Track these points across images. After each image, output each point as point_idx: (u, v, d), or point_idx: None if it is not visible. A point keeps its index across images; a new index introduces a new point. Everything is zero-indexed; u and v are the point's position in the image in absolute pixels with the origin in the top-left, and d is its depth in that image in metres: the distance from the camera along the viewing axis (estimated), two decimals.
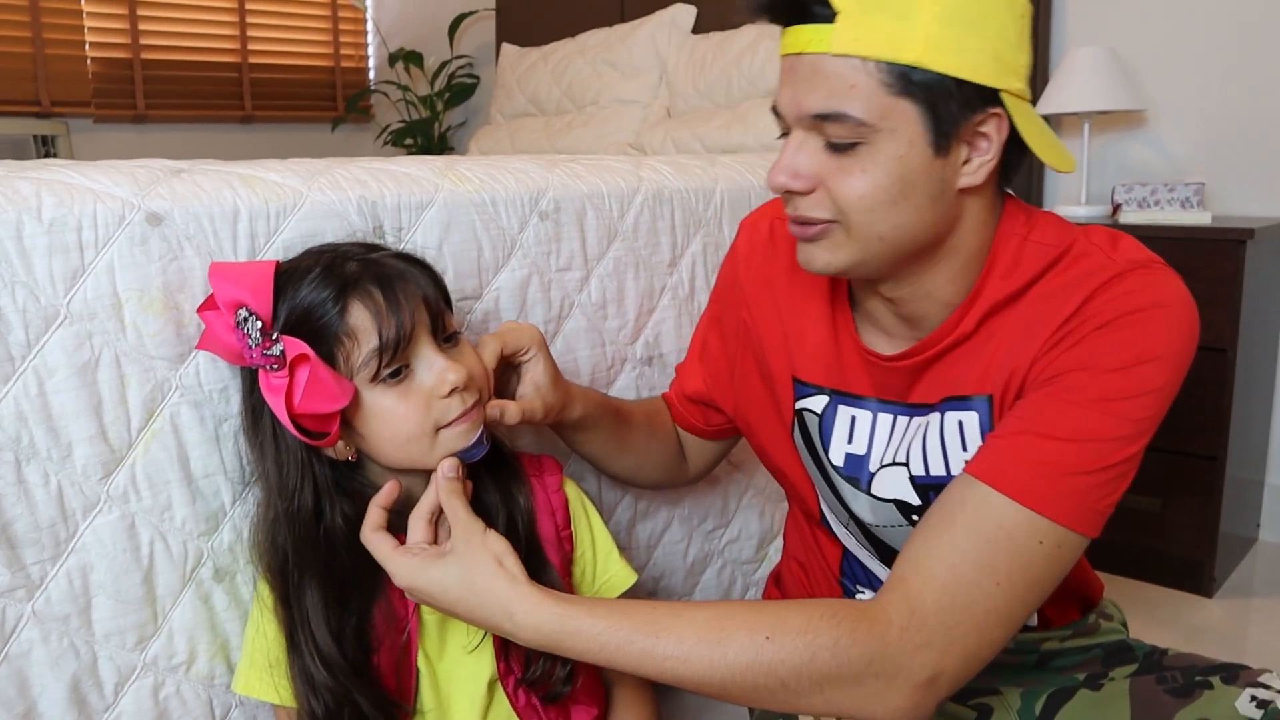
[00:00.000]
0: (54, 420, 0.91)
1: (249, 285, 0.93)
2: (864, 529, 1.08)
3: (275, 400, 0.92)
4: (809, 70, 0.88)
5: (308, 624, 0.97)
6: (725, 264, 1.23)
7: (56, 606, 0.93)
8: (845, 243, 0.92)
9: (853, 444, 1.06)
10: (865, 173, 0.88)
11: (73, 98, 3.46)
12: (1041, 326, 0.93)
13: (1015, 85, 0.88)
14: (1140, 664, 1.09)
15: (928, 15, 0.85)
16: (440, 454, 0.99)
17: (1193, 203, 2.23)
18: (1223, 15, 2.37)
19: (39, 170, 0.96)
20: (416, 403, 0.97)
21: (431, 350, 0.97)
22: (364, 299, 0.94)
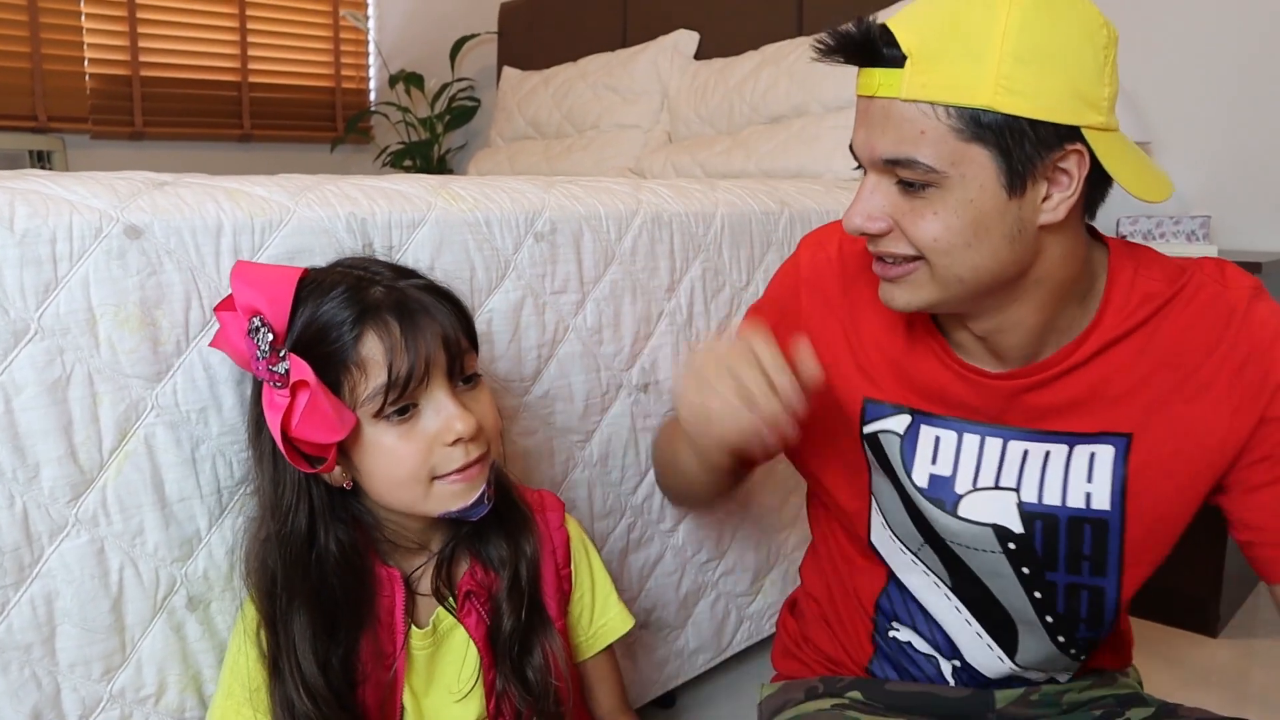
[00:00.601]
0: (21, 439, 0.87)
1: (268, 293, 0.89)
2: (943, 549, 1.04)
3: (273, 417, 0.89)
4: (880, 114, 0.88)
5: (294, 650, 0.93)
6: (783, 282, 1.16)
7: (18, 635, 0.89)
8: (927, 283, 0.91)
9: (937, 465, 1.02)
10: (937, 215, 0.87)
11: (70, 113, 3.45)
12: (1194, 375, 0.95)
13: (1096, 120, 0.85)
14: (1155, 711, 1.07)
15: (999, 54, 0.82)
16: (436, 506, 0.95)
17: (1199, 235, 2.21)
18: (1229, 48, 2.35)
19: (14, 180, 0.92)
20: (417, 446, 0.92)
21: (444, 394, 0.93)
22: (380, 330, 0.90)
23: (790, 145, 2.47)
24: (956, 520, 1.02)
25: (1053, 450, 0.99)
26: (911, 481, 1.03)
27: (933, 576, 1.07)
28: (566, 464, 1.36)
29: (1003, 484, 1.00)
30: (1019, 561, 1.01)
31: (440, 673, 1.02)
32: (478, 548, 1.03)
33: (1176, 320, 0.95)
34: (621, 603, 1.15)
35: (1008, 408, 0.99)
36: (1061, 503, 0.99)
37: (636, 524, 1.46)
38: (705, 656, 1.66)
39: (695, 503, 1.32)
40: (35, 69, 3.35)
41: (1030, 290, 0.92)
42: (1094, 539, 0.99)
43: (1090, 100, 0.84)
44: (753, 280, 1.59)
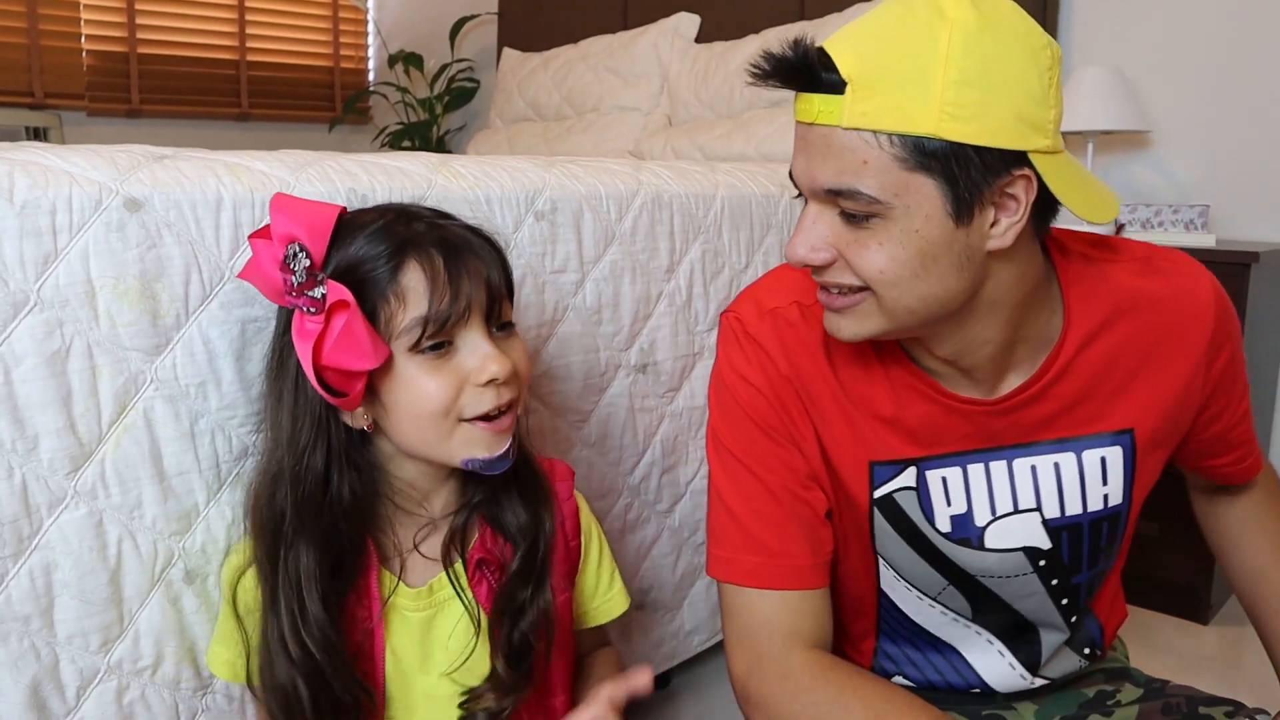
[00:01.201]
0: (20, 411, 0.87)
1: (307, 222, 0.88)
2: (970, 586, 1.02)
3: (304, 346, 0.87)
4: (820, 143, 0.84)
5: (297, 587, 0.92)
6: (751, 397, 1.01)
7: (17, 606, 0.89)
8: (874, 313, 0.87)
9: (953, 505, 1.00)
10: (882, 246, 0.83)
11: (66, 90, 3.43)
12: (1172, 359, 0.98)
13: (1042, 143, 0.82)
14: (1144, 690, 1.09)
15: (942, 80, 0.79)
16: (459, 452, 0.93)
17: (1197, 225, 2.21)
18: (1229, 39, 2.35)
19: (13, 151, 0.92)
20: (449, 382, 0.91)
21: (480, 334, 0.92)
22: (422, 261, 0.89)
23: (790, 129, 2.46)
24: (985, 553, 1.00)
25: (1060, 460, 0.98)
26: (936, 530, 1.00)
27: (951, 614, 1.05)
28: (564, 444, 1.36)
29: (1022, 506, 0.99)
30: (1049, 576, 1.01)
31: (434, 638, 1.01)
32: (493, 513, 1.02)
33: (1145, 302, 0.96)
34: (623, 583, 1.15)
35: (1005, 428, 0.98)
36: (1083, 510, 0.99)
37: (633, 505, 1.46)
38: (700, 638, 1.67)
39: None
40: (32, 45, 3.34)
41: (985, 311, 0.90)
42: (1109, 531, 1.01)
43: (1036, 124, 0.81)
44: (752, 263, 1.59)
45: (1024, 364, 0.95)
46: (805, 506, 0.99)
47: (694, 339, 1.51)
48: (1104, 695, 1.09)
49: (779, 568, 0.98)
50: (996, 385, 0.96)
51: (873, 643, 1.12)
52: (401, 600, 0.99)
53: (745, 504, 1.00)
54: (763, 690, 0.95)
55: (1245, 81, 2.34)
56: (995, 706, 1.10)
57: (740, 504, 1.00)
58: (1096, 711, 1.07)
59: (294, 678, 0.92)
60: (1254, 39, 2.32)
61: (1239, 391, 1.06)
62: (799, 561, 0.98)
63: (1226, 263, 1.96)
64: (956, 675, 1.08)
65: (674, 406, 1.51)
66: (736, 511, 1.00)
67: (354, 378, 0.89)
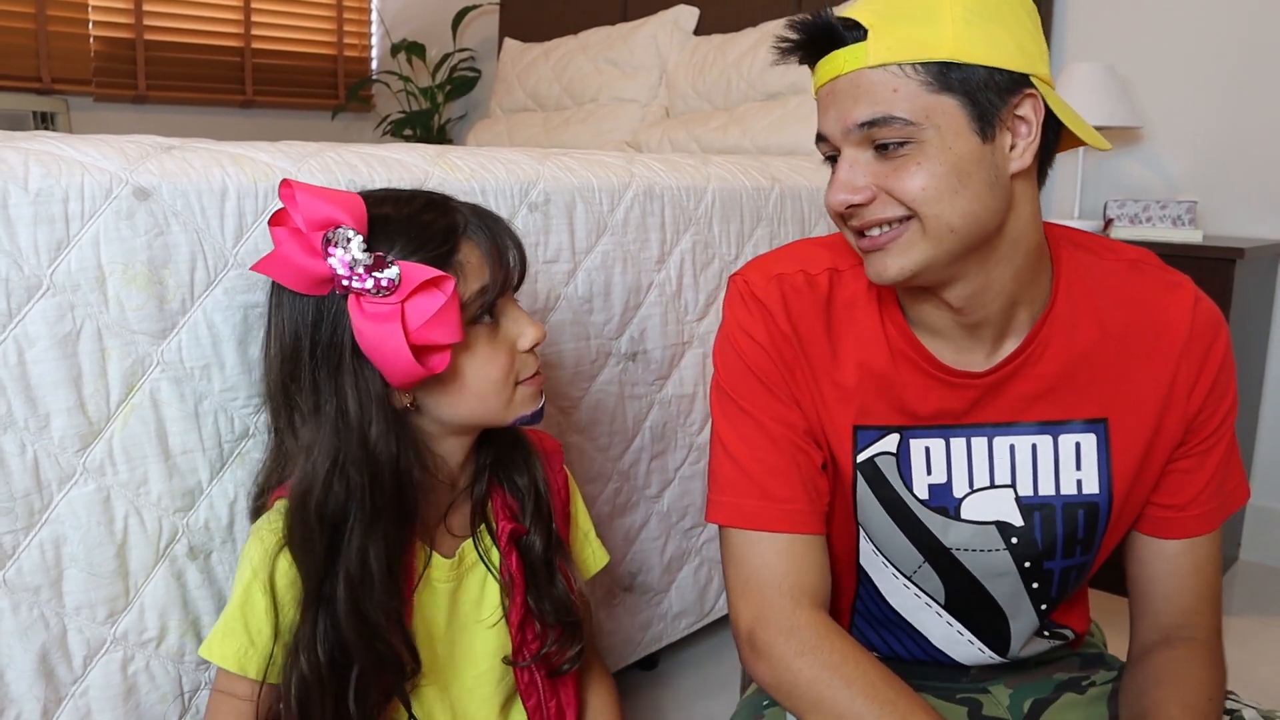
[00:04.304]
0: (32, 390, 0.91)
1: (345, 205, 0.88)
2: (944, 562, 1.06)
3: (388, 329, 0.87)
4: (849, 87, 0.91)
5: (366, 566, 0.93)
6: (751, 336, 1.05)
7: (28, 577, 0.93)
8: (918, 241, 0.92)
9: (932, 475, 1.04)
10: (921, 166, 0.90)
11: (73, 75, 3.46)
12: (1149, 355, 1.01)
13: (1042, 71, 0.92)
14: (1118, 674, 1.11)
15: (950, 16, 0.88)
16: (513, 411, 0.99)
17: (1184, 221, 2.24)
18: (1220, 36, 2.38)
19: (28, 141, 0.96)
20: (505, 350, 0.97)
21: (514, 305, 0.99)
22: (477, 235, 0.94)
23: (785, 122, 2.50)
24: (960, 523, 1.04)
25: (1038, 442, 1.02)
26: (913, 495, 1.04)
27: (925, 598, 1.09)
28: (555, 430, 1.40)
29: (998, 482, 1.03)
30: (1021, 556, 1.04)
31: (461, 603, 1.05)
32: (503, 476, 1.07)
33: (1127, 299, 1.01)
34: (598, 539, 1.21)
35: (989, 405, 1.02)
36: (1056, 492, 1.02)
37: (623, 489, 1.50)
38: (688, 620, 1.70)
39: None
40: (40, 30, 3.37)
41: (1009, 250, 0.95)
42: (1086, 522, 1.03)
43: (1034, 54, 0.91)
44: (742, 254, 1.63)
45: (1019, 329, 1.00)
46: (804, 455, 1.03)
47: (683, 328, 1.55)
48: (1079, 678, 1.12)
49: (780, 511, 1.01)
50: (994, 351, 1.00)
51: (848, 623, 1.15)
52: (435, 572, 1.03)
53: (747, 450, 1.03)
54: (769, 640, 0.98)
55: (1235, 80, 2.37)
56: (970, 689, 1.13)
57: (742, 450, 1.03)
58: (1071, 690, 1.10)
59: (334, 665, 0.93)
60: (1245, 38, 2.35)
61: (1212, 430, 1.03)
62: (798, 506, 1.02)
63: (1212, 258, 1.99)
64: (924, 656, 1.12)
65: (663, 394, 1.55)
66: (739, 457, 1.04)
67: (440, 354, 0.91)
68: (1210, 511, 1.04)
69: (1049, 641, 1.12)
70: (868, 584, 1.11)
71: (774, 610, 1.00)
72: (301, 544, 0.93)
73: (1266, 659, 1.96)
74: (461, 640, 1.06)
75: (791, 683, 0.97)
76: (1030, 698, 1.11)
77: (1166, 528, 1.04)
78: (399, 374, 0.90)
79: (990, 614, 1.08)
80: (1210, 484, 1.04)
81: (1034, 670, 1.14)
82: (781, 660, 0.98)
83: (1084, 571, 1.08)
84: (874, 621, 1.14)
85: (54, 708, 0.96)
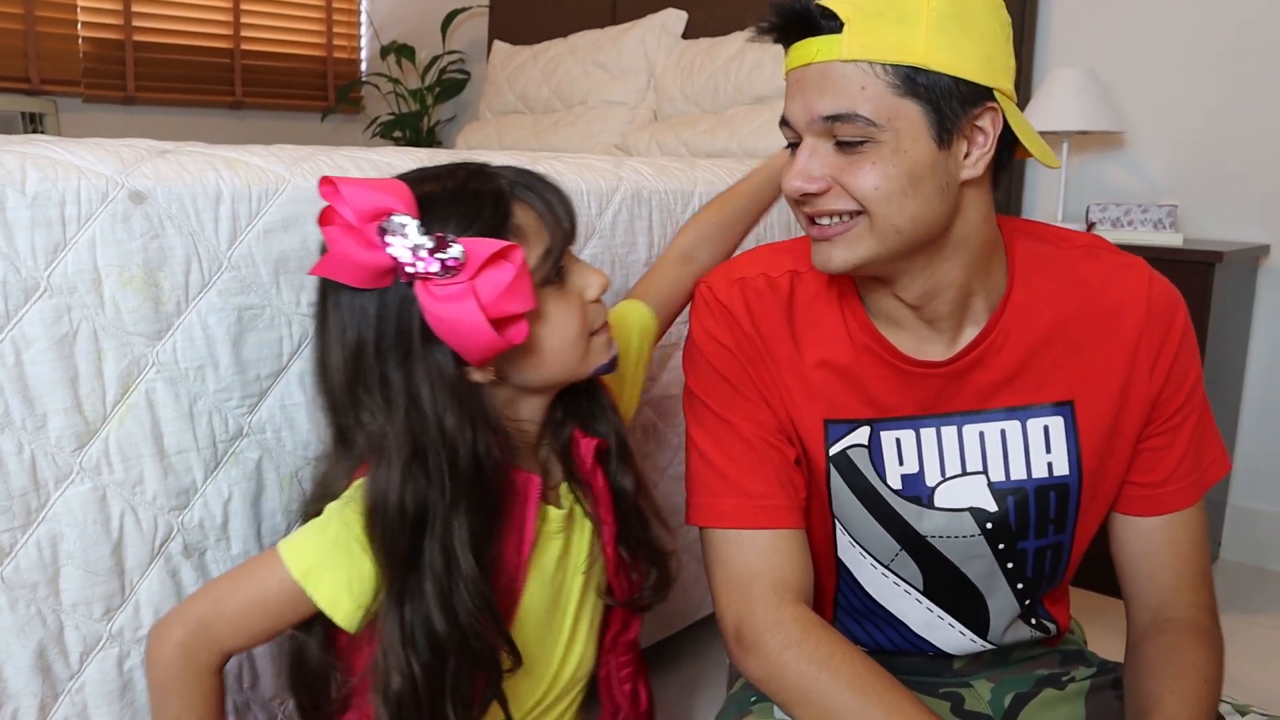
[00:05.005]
0: (30, 390, 0.93)
1: (394, 192, 0.87)
2: (921, 550, 1.08)
3: (457, 308, 0.85)
4: (818, 77, 0.92)
5: (452, 559, 0.90)
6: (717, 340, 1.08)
7: (25, 574, 0.94)
8: (865, 236, 0.95)
9: (905, 465, 1.06)
10: (875, 166, 0.92)
11: (63, 76, 3.46)
12: (1109, 336, 1.03)
13: (1006, 85, 0.94)
14: (1097, 670, 1.13)
15: (926, 21, 0.90)
16: (590, 362, 0.99)
17: (1165, 224, 2.27)
18: (1202, 42, 2.41)
19: (24, 144, 0.97)
20: (576, 305, 0.97)
21: (573, 258, 0.98)
22: (528, 199, 0.94)
23: (773, 126, 2.52)
24: (935, 511, 1.06)
25: (1007, 428, 1.05)
26: (887, 485, 1.06)
27: (903, 585, 1.10)
28: None
29: (970, 469, 1.05)
30: (996, 539, 1.06)
31: (571, 554, 1.05)
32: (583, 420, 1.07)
33: (1083, 283, 1.03)
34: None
35: (955, 394, 1.04)
36: (1028, 475, 1.04)
37: None
38: (675, 618, 1.72)
39: None
40: (29, 31, 3.37)
41: (956, 250, 0.98)
42: (1058, 503, 1.06)
43: (1000, 67, 0.93)
44: None
45: (977, 318, 1.02)
46: (777, 452, 1.05)
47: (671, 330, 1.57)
48: (1059, 674, 1.14)
49: (757, 508, 1.03)
50: (953, 340, 1.02)
51: (830, 617, 1.17)
52: (550, 525, 1.02)
53: (721, 451, 1.06)
54: (755, 636, 1.00)
55: (1216, 85, 2.40)
56: (953, 683, 1.15)
57: (716, 452, 1.06)
58: (1051, 686, 1.12)
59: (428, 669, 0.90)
60: (1226, 43, 2.38)
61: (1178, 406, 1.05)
62: (775, 501, 1.04)
63: (1192, 261, 2.02)
64: (907, 645, 1.14)
65: (650, 395, 1.57)
66: (713, 459, 1.06)
67: (517, 323, 0.90)
68: (1187, 487, 1.06)
69: (1031, 630, 1.14)
70: (847, 576, 1.13)
71: (759, 606, 1.01)
72: (383, 541, 0.89)
73: (1246, 656, 1.99)
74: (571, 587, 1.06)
75: (779, 676, 0.99)
76: (1011, 692, 1.13)
77: (1143, 505, 1.07)
78: (478, 350, 0.88)
79: (968, 596, 1.10)
80: (1184, 460, 1.06)
81: (1016, 666, 1.16)
82: (769, 654, 0.99)
83: (1060, 553, 1.09)
84: (855, 614, 1.16)
85: (50, 703, 0.97)
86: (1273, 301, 2.36)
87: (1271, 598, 2.25)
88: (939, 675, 1.16)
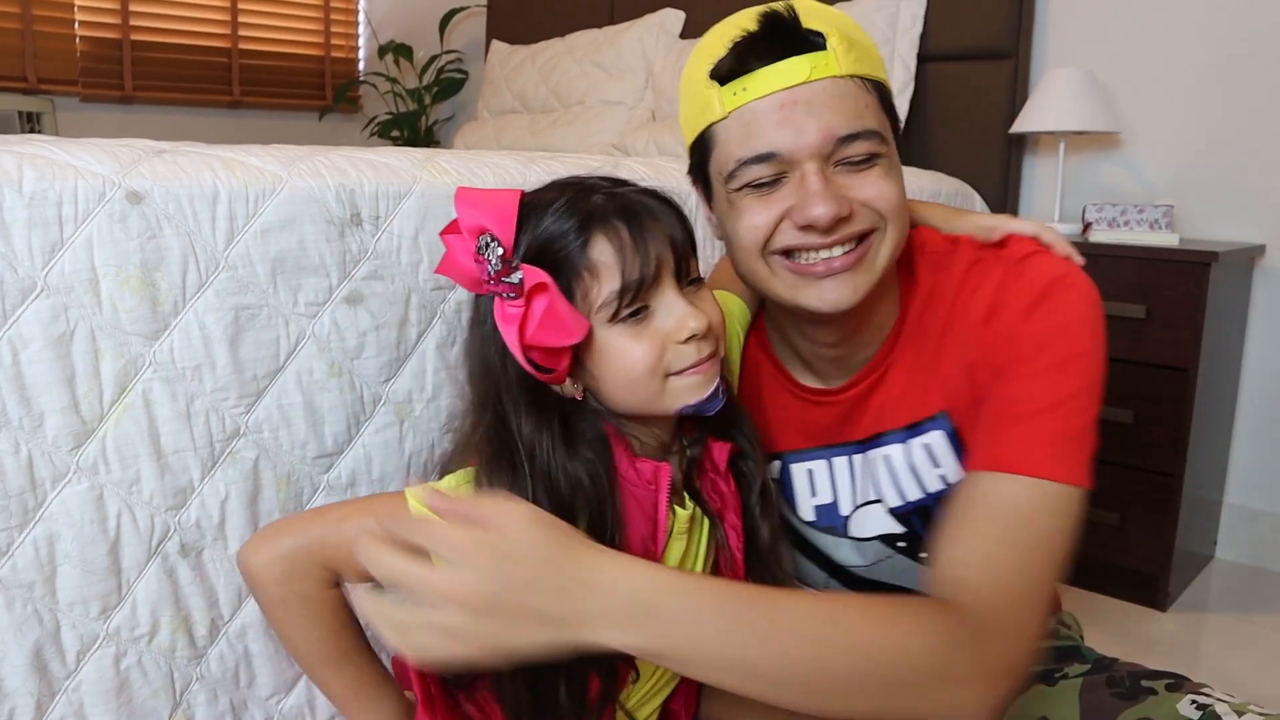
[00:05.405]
0: (27, 390, 0.93)
1: (493, 211, 0.90)
2: (850, 578, 1.08)
3: (509, 330, 0.89)
4: (822, 97, 0.89)
5: None
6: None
7: (21, 574, 0.95)
8: (881, 250, 0.94)
9: (817, 496, 1.06)
10: (884, 178, 0.91)
11: (60, 76, 3.46)
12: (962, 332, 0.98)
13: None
14: (1091, 666, 1.13)
15: (861, 38, 0.91)
16: (672, 402, 0.94)
17: (1161, 224, 2.27)
18: (1200, 43, 2.41)
19: (21, 145, 0.97)
20: (651, 345, 0.92)
21: (674, 293, 0.93)
22: (609, 233, 0.90)
23: None
24: (850, 540, 1.06)
25: (891, 453, 1.04)
26: (798, 517, 1.07)
27: None
28: None
29: (871, 497, 1.05)
30: (912, 551, 1.06)
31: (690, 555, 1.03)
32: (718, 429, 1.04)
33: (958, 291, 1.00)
34: None
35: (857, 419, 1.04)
36: (924, 494, 1.04)
37: None
38: None
39: None
40: (26, 30, 3.37)
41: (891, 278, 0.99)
42: None
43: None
44: None
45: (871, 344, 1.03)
46: None
47: None
48: (1051, 670, 1.13)
49: None
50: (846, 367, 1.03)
51: None
52: (678, 525, 1.00)
53: None
54: None
55: (1213, 86, 2.41)
56: None
57: None
58: (1041, 683, 1.11)
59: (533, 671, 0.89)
60: (1224, 45, 2.38)
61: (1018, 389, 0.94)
62: None
63: (1188, 262, 2.03)
64: None
65: None
66: None
67: (559, 354, 0.91)
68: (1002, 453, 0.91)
69: None
70: None
71: None
72: None
73: (1244, 657, 1.99)
74: None
75: None
76: None
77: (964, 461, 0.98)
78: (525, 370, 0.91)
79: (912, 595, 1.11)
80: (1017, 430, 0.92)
81: None
82: None
83: None
84: None
85: (47, 702, 0.98)
86: (1268, 301, 2.36)
87: (1268, 598, 2.25)
88: None
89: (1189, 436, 2.08)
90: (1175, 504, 2.10)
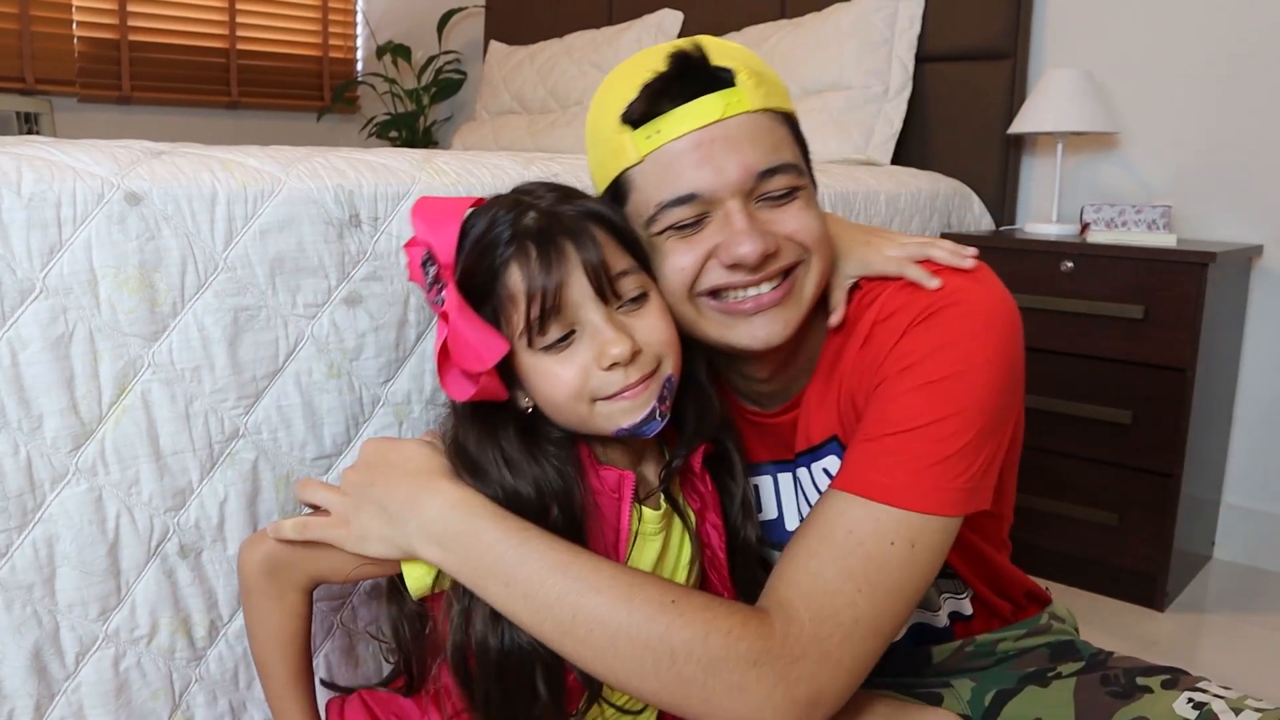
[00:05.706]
0: (26, 392, 0.93)
1: (434, 227, 0.89)
2: None
3: (437, 346, 0.90)
4: (739, 133, 0.89)
5: None
6: None
7: (21, 575, 0.95)
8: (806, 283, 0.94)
9: (763, 511, 1.09)
10: (805, 210, 0.92)
11: (58, 76, 3.46)
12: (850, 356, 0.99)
13: None
14: (1085, 663, 1.12)
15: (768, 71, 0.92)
16: (605, 425, 0.92)
17: (1159, 225, 2.28)
18: (1198, 44, 2.42)
19: (20, 146, 0.97)
20: (574, 370, 0.90)
21: (599, 318, 0.89)
22: (520, 260, 0.88)
23: None
24: None
25: (801, 475, 1.06)
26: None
27: None
28: None
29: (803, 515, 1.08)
30: None
31: (669, 554, 1.03)
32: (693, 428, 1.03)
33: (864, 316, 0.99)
34: None
35: (787, 442, 1.06)
36: None
37: None
38: None
39: None
40: (24, 31, 3.37)
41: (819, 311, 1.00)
42: None
43: None
44: None
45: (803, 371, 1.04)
46: None
47: None
48: (1044, 670, 1.13)
49: None
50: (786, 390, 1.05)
51: None
52: (646, 526, 1.00)
53: None
54: None
55: (1211, 86, 2.41)
56: (934, 683, 1.15)
57: None
58: (1034, 683, 1.12)
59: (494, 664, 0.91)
60: (1222, 45, 2.38)
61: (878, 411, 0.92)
62: None
63: (1186, 262, 2.03)
64: None
65: None
66: None
67: (476, 375, 0.90)
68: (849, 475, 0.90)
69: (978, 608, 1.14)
70: None
71: None
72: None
73: (1239, 655, 2.00)
74: None
75: None
76: (993, 689, 1.13)
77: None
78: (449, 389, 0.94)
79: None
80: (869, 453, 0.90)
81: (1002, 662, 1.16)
82: None
83: None
84: None
85: (46, 704, 0.97)
86: (1266, 302, 2.36)
87: (1265, 597, 2.26)
88: (919, 674, 1.16)
89: (1187, 437, 2.08)
90: (1173, 504, 2.10)
